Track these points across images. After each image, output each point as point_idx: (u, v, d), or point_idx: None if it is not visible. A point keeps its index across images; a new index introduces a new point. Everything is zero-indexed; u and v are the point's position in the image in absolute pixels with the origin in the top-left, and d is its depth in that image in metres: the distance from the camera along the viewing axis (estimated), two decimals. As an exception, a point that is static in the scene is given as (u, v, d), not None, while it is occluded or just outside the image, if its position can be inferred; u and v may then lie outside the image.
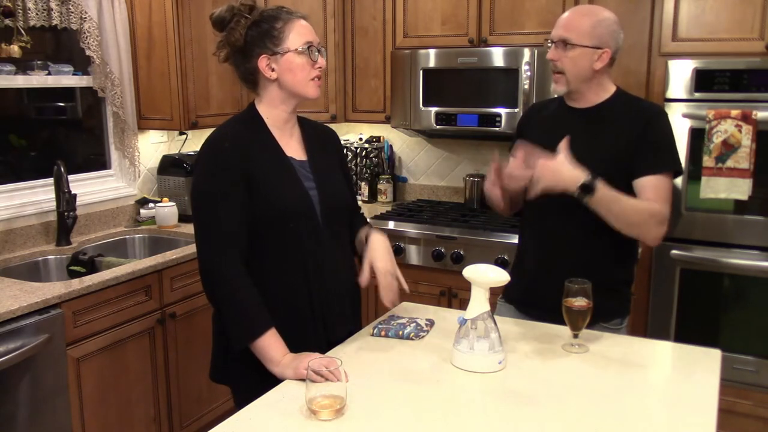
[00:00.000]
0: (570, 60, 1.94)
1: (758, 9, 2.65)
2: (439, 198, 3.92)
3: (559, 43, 1.94)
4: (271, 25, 1.71)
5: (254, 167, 1.70)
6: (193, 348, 2.93)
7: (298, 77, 1.72)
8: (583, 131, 1.98)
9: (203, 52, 3.43)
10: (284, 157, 1.77)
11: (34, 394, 2.30)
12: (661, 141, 1.95)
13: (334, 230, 1.83)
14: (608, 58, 1.95)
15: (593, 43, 1.92)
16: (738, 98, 2.67)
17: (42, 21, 2.93)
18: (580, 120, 2.02)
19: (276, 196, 1.71)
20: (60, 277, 2.90)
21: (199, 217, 1.71)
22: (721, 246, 2.77)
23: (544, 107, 2.19)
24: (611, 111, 2.00)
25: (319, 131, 1.94)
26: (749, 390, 2.79)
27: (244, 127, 1.78)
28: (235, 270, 1.66)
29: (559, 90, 2.00)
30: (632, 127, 1.94)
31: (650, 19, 3.02)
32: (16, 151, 3.15)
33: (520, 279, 2.07)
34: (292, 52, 1.70)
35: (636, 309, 2.94)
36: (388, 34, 3.57)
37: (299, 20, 1.73)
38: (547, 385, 1.59)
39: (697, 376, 1.65)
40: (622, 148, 1.94)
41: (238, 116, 1.86)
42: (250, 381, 1.72)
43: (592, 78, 1.97)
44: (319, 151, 1.86)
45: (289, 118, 1.81)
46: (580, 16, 1.96)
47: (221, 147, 1.72)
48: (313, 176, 1.80)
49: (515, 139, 2.18)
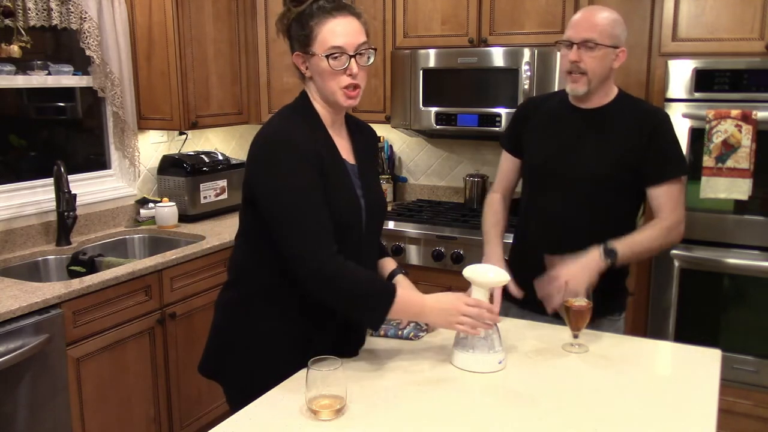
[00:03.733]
0: (594, 60, 1.95)
1: (758, 9, 2.65)
2: (439, 198, 3.92)
3: (582, 44, 1.94)
4: (304, 23, 1.60)
5: (322, 169, 1.59)
6: (193, 348, 2.93)
7: (326, 83, 1.61)
8: (589, 132, 2.02)
9: (203, 52, 3.43)
10: (341, 160, 1.66)
11: (34, 394, 2.30)
12: (671, 148, 2.00)
13: (372, 238, 1.78)
14: (624, 56, 1.99)
15: (613, 42, 1.96)
16: (738, 98, 2.67)
17: (42, 21, 2.93)
18: (586, 121, 2.04)
19: (335, 203, 1.60)
20: (60, 277, 2.90)
21: (291, 214, 1.56)
22: (721, 246, 2.77)
23: (543, 103, 2.19)
24: (616, 113, 2.02)
25: (362, 129, 1.83)
26: (749, 390, 2.79)
27: (306, 122, 1.65)
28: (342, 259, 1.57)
29: (579, 90, 1.99)
30: (639, 132, 1.97)
31: (650, 19, 3.02)
32: (16, 151, 3.15)
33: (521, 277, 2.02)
34: (318, 56, 1.59)
35: (636, 309, 2.94)
36: (388, 34, 3.57)
37: (335, 19, 1.58)
38: (547, 385, 1.59)
39: (697, 376, 1.65)
40: (629, 152, 1.97)
41: (295, 107, 1.70)
42: (240, 377, 1.72)
43: (608, 77, 2.00)
44: (364, 154, 1.77)
45: (338, 117, 1.71)
46: (599, 16, 1.97)
47: (295, 140, 1.58)
48: (361, 182, 1.70)
49: (511, 132, 2.22)
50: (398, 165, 4.04)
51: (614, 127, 2.01)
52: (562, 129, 2.06)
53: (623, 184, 2.00)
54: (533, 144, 2.13)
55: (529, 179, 2.16)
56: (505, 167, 2.25)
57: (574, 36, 1.96)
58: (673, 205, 1.98)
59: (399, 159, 4.03)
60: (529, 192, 2.15)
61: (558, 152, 2.05)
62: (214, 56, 3.50)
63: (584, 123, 2.03)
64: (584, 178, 2.00)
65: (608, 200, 2.00)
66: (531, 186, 2.15)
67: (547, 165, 2.07)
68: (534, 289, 1.99)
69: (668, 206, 1.98)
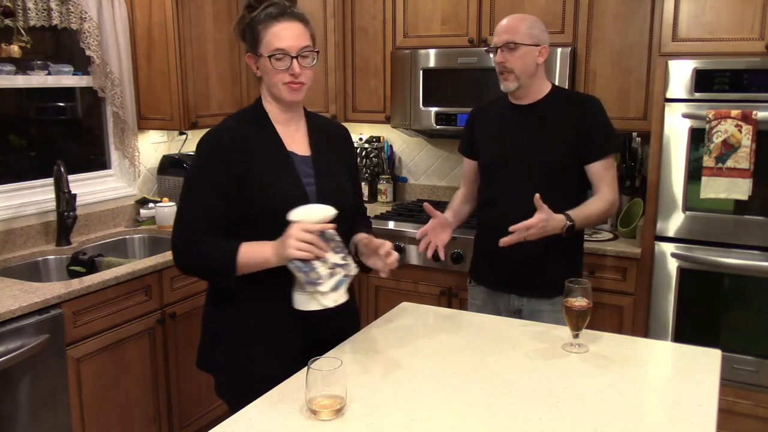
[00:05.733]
0: (517, 59, 2.21)
1: (758, 9, 2.64)
2: (439, 198, 3.92)
3: (504, 46, 2.22)
4: (254, 27, 1.74)
5: (252, 160, 1.72)
6: (194, 348, 2.89)
7: (272, 80, 1.74)
8: (530, 125, 2.29)
9: (203, 52, 3.43)
10: (285, 151, 1.78)
11: (34, 394, 2.30)
12: (605, 127, 2.27)
13: None
14: (547, 53, 2.26)
15: (533, 41, 2.23)
16: (738, 98, 2.66)
17: (42, 21, 2.93)
18: (526, 115, 2.30)
19: (272, 189, 1.72)
20: (60, 277, 2.90)
21: (183, 200, 1.76)
22: (721, 246, 2.77)
23: (487, 108, 2.45)
24: (552, 105, 2.29)
25: (329, 127, 1.94)
26: (749, 390, 2.79)
27: (246, 121, 1.81)
28: (198, 244, 1.72)
29: (510, 87, 2.26)
30: (574, 118, 2.25)
31: (650, 19, 3.03)
32: (16, 151, 3.15)
33: (484, 258, 2.41)
34: (264, 57, 1.72)
35: (636, 309, 2.94)
36: (388, 34, 3.57)
37: (279, 23, 1.72)
38: (547, 385, 1.59)
39: (697, 376, 1.65)
40: (568, 136, 2.24)
41: (242, 110, 1.90)
42: (234, 370, 1.80)
43: (536, 72, 2.26)
44: (326, 148, 1.87)
45: (288, 113, 1.82)
46: (517, 21, 2.25)
47: (220, 138, 1.76)
48: (314, 172, 1.80)
49: (464, 138, 2.50)
50: (398, 165, 4.04)
51: (552, 117, 2.27)
52: (507, 127, 2.34)
53: (569, 167, 2.25)
54: (484, 144, 2.39)
55: (485, 174, 2.40)
56: (464, 170, 2.53)
57: (497, 41, 2.25)
58: (609, 180, 2.25)
59: (399, 159, 4.03)
60: (487, 186, 2.39)
61: (507, 147, 2.31)
62: (214, 56, 3.50)
63: (525, 118, 2.30)
64: (533, 166, 2.25)
65: (558, 184, 2.22)
66: (487, 180, 2.39)
67: (499, 160, 2.33)
68: (498, 270, 2.34)
69: (605, 181, 2.24)
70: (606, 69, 3.15)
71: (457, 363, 1.72)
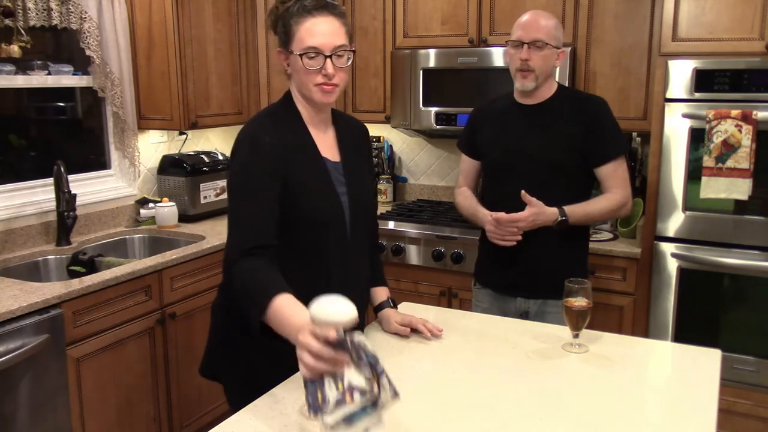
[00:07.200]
0: (541, 58, 2.18)
1: (758, 9, 2.64)
2: (439, 198, 3.92)
3: (532, 43, 2.16)
4: (286, 21, 1.62)
5: (291, 168, 1.62)
6: (193, 348, 2.93)
7: (302, 80, 1.63)
8: (537, 125, 2.25)
9: (203, 52, 3.43)
10: (320, 158, 1.68)
11: (34, 394, 2.30)
12: (610, 130, 2.24)
13: (361, 241, 1.77)
14: (563, 57, 2.26)
15: (556, 43, 2.21)
16: (738, 98, 2.66)
17: (42, 21, 2.93)
18: (534, 115, 2.27)
19: (310, 203, 1.63)
20: (60, 277, 2.90)
21: (231, 207, 1.63)
22: (721, 246, 2.77)
23: (490, 108, 2.41)
24: (559, 105, 2.26)
25: (352, 127, 1.85)
26: (749, 390, 2.79)
27: (282, 122, 1.68)
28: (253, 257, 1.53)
29: (528, 86, 2.21)
30: (581, 119, 2.22)
31: (650, 19, 3.03)
32: (16, 151, 3.15)
33: (490, 261, 2.37)
34: (295, 54, 1.61)
35: (636, 309, 2.94)
36: (388, 34, 3.57)
37: (314, 18, 1.60)
38: (547, 385, 1.59)
39: (697, 376, 1.65)
40: (574, 137, 2.21)
41: (274, 107, 1.74)
42: (238, 378, 1.73)
43: (551, 75, 2.26)
44: (352, 152, 1.78)
45: (320, 115, 1.72)
46: (545, 19, 2.20)
47: (262, 141, 1.62)
48: (345, 180, 1.71)
49: (465, 138, 2.46)
50: (398, 165, 4.04)
51: (558, 117, 2.24)
52: (512, 126, 2.30)
53: (573, 167, 2.23)
54: (488, 144, 2.35)
55: (489, 174, 2.39)
56: (465, 168, 2.49)
57: (524, 36, 2.17)
58: (620, 182, 2.24)
59: (399, 159, 4.03)
60: (491, 185, 2.38)
61: (511, 146, 2.28)
62: (214, 56, 3.50)
63: (531, 117, 2.27)
64: (538, 166, 2.22)
65: (562, 184, 2.22)
66: (491, 180, 2.38)
67: (503, 159, 2.30)
68: (506, 274, 2.31)
69: (615, 183, 2.23)
70: (606, 69, 3.15)
71: (457, 363, 1.72)
